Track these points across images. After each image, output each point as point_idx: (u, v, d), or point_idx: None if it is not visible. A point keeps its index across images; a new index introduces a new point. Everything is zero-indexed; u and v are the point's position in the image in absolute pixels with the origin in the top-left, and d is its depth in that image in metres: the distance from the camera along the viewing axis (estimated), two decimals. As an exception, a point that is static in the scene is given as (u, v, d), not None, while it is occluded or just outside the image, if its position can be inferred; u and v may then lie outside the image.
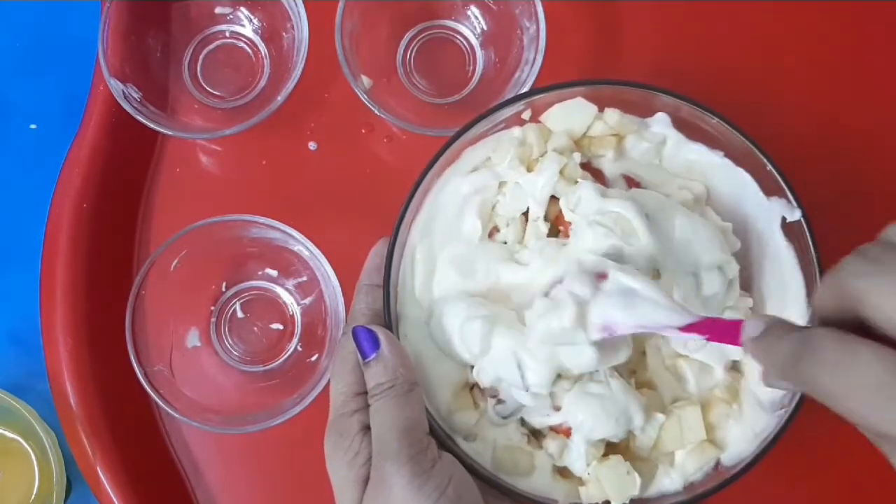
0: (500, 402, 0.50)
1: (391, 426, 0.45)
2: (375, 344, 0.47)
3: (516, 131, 0.54)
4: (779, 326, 0.39)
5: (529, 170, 0.54)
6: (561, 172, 0.52)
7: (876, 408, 0.33)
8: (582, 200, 0.51)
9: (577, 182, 0.52)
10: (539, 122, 0.55)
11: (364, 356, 0.47)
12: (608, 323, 0.47)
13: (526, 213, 0.53)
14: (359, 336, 0.48)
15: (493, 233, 0.54)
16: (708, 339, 0.44)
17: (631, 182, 0.55)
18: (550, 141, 0.54)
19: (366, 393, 0.47)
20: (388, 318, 0.51)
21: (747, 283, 0.53)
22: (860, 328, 0.34)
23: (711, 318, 0.45)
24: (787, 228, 0.53)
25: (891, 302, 0.33)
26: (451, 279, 0.52)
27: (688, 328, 0.45)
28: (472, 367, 0.50)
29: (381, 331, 0.48)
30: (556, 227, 0.53)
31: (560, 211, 0.53)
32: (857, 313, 0.35)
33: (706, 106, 0.53)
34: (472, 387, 0.52)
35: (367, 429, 0.46)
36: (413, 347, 0.51)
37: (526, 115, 0.55)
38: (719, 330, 0.44)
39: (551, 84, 0.54)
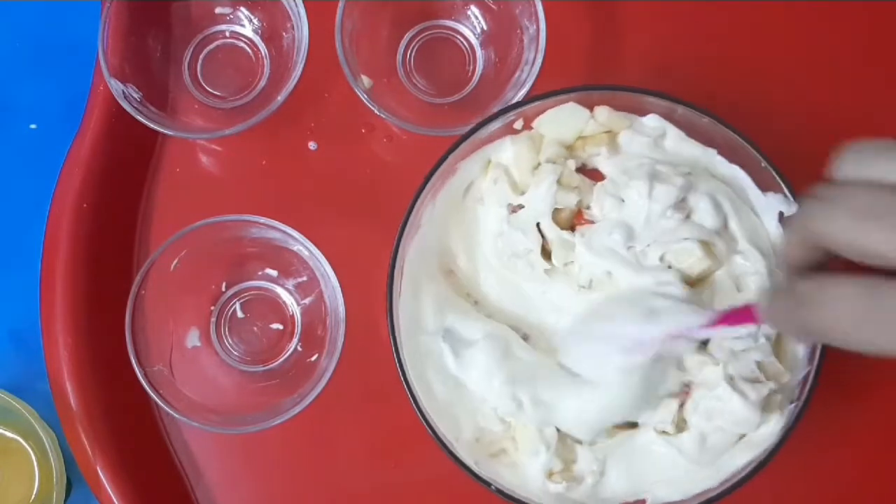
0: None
1: None
2: None
3: (504, 154, 0.54)
4: (777, 293, 0.42)
5: (523, 190, 0.54)
6: (559, 182, 0.53)
7: (865, 331, 0.36)
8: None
9: (576, 187, 0.53)
10: (531, 127, 0.55)
11: None
12: (640, 339, 0.49)
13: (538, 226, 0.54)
14: None
15: None
16: (730, 326, 0.47)
17: None
18: (542, 151, 0.54)
19: None
20: (392, 325, 0.51)
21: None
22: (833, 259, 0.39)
23: (725, 310, 0.48)
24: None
25: (845, 233, 0.37)
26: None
27: (709, 325, 0.48)
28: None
29: None
30: (572, 227, 0.54)
31: (576, 212, 0.53)
32: (823, 249, 0.39)
33: (697, 106, 0.53)
34: None
35: None
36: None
37: (518, 125, 0.55)
38: (736, 316, 0.46)
39: (542, 93, 0.54)
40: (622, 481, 0.52)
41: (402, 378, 0.51)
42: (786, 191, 0.51)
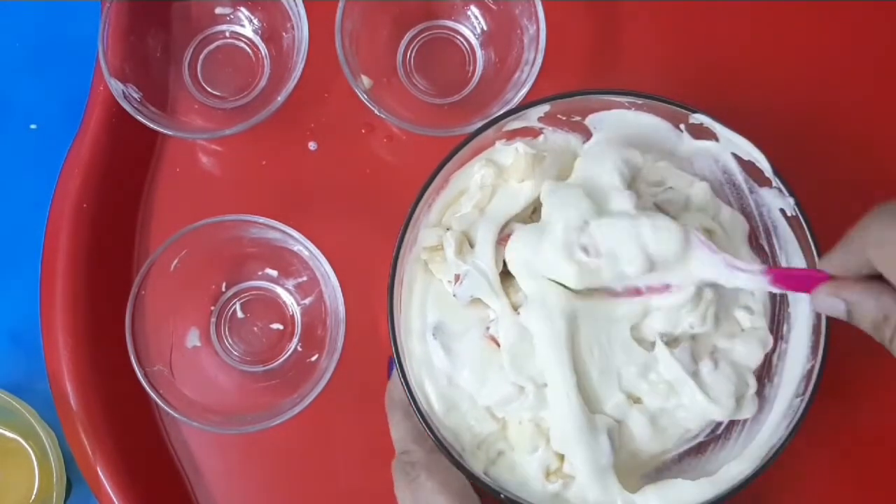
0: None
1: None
2: None
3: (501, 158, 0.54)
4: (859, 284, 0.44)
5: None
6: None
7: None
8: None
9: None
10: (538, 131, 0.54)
11: None
12: (667, 280, 0.48)
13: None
14: None
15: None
16: (778, 287, 0.46)
17: None
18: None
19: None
20: (392, 330, 0.51)
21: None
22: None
23: (781, 267, 0.48)
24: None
25: None
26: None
27: (759, 275, 0.47)
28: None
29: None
30: None
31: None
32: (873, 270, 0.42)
33: (689, 105, 0.52)
34: None
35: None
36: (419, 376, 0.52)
37: (512, 127, 0.54)
38: (790, 278, 0.47)
39: (528, 102, 0.53)
40: None
41: (406, 386, 0.51)
42: (780, 185, 0.51)
